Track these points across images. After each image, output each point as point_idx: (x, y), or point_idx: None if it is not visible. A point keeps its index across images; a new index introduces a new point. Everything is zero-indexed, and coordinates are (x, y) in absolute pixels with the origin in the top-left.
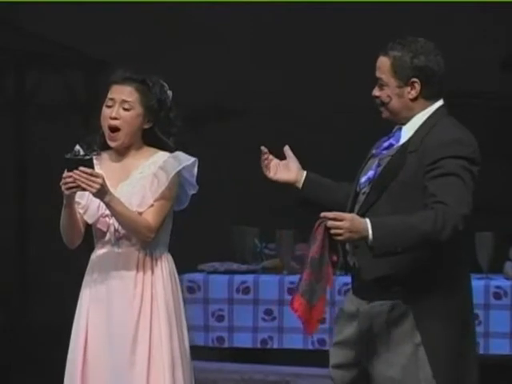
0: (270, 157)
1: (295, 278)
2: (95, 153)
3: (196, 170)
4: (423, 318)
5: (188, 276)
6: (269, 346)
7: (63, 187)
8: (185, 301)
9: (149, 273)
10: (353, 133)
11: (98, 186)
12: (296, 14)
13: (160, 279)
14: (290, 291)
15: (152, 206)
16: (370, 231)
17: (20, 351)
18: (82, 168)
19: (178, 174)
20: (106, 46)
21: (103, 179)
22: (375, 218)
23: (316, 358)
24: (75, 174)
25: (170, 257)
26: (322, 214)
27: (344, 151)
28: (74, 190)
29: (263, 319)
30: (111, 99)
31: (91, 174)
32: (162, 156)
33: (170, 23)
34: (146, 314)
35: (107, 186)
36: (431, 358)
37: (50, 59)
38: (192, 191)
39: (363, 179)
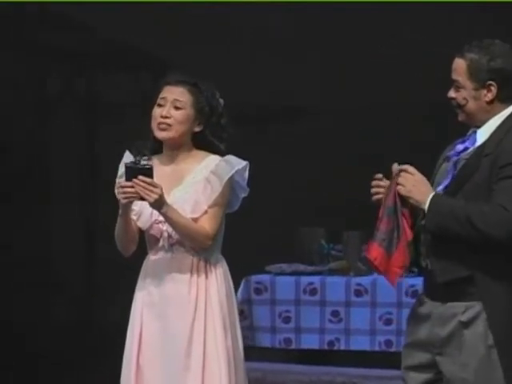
0: (382, 183)
1: (362, 279)
2: (146, 157)
3: (247, 173)
4: (496, 320)
5: (255, 277)
6: (336, 348)
7: (121, 196)
8: (252, 302)
9: (203, 277)
10: (418, 133)
11: (156, 196)
12: (348, 14)
13: (214, 283)
14: (357, 293)
15: (206, 212)
16: (428, 203)
17: (87, 350)
18: (141, 177)
19: (231, 178)
20: (174, 47)
21: (161, 190)
22: (442, 195)
23: (383, 359)
24: (135, 182)
25: (223, 260)
26: (401, 166)
27: (408, 152)
28: (131, 198)
29: (330, 321)
30: (163, 98)
31: (150, 184)
32: (213, 160)
33: (234, 25)
34: (201, 318)
35: (164, 197)
36: (503, 360)
37: (118, 61)
38: (243, 194)
39: (439, 188)
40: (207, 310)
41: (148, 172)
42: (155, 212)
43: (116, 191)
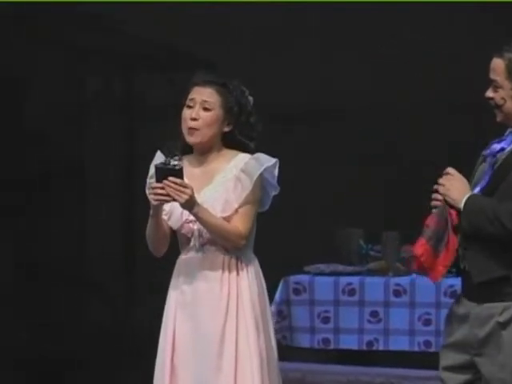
0: (440, 196)
1: (401, 279)
2: (177, 157)
3: (277, 170)
4: None
5: (294, 278)
6: (374, 348)
7: (152, 197)
8: (290, 302)
9: (234, 275)
10: (453, 133)
11: (186, 197)
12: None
13: (246, 281)
14: (396, 293)
15: (238, 211)
16: (463, 202)
17: (122, 350)
18: (171, 178)
19: (261, 175)
20: (212, 46)
21: (192, 190)
22: (479, 195)
23: (422, 359)
24: (165, 184)
25: (255, 259)
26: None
27: (444, 151)
28: (162, 200)
29: (369, 321)
30: (192, 99)
31: (181, 185)
32: (242, 158)
33: (275, 24)
34: (232, 317)
35: (195, 197)
36: None
37: (156, 61)
38: (273, 192)
39: (477, 189)
40: (239, 309)
41: (178, 173)
42: (186, 211)
43: (147, 191)
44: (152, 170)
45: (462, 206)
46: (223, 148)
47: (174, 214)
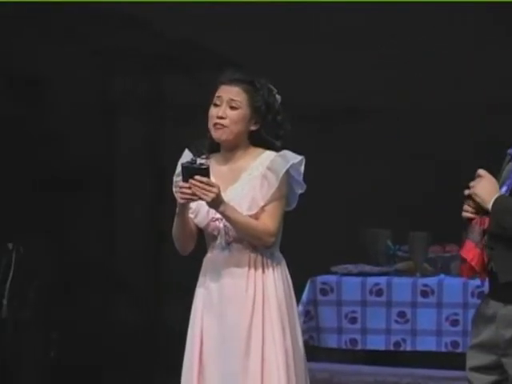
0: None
1: (428, 280)
2: (204, 156)
3: (303, 168)
4: None
5: (321, 278)
6: (402, 349)
7: (179, 195)
8: (318, 303)
9: (260, 274)
10: (484, 132)
11: (213, 196)
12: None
13: (272, 280)
14: (423, 293)
15: (264, 209)
16: (491, 203)
17: (156, 352)
18: (198, 177)
19: (287, 172)
20: (238, 45)
21: (219, 189)
22: (507, 196)
23: (449, 360)
24: (191, 183)
25: (282, 258)
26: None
27: (473, 151)
28: (189, 198)
29: (396, 321)
30: (218, 97)
31: (207, 184)
32: (268, 156)
33: (299, 22)
34: (259, 317)
35: (222, 196)
36: None
37: (182, 60)
38: (300, 190)
39: (504, 189)
40: (265, 308)
41: (204, 172)
42: (212, 210)
43: (174, 190)
44: (179, 169)
45: (490, 206)
46: (250, 146)
47: (200, 212)
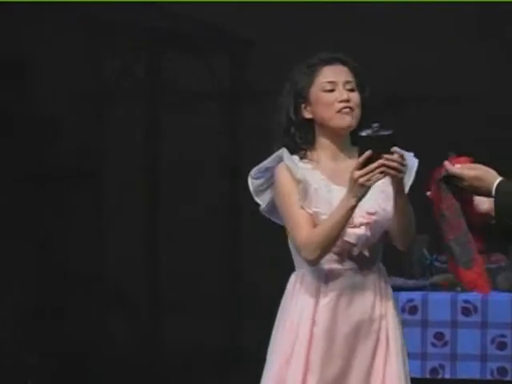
0: None
1: (470, 295)
2: (377, 124)
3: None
4: None
5: None
6: (440, 376)
7: (364, 178)
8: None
9: (381, 293)
10: None
11: (405, 170)
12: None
13: (391, 299)
14: (465, 311)
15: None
16: (493, 191)
17: (152, 373)
18: (395, 148)
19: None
20: (252, 24)
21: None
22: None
23: None
24: (384, 157)
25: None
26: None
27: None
28: (378, 178)
29: (433, 344)
30: (331, 82)
31: (401, 156)
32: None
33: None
34: (382, 344)
35: None
36: None
37: (188, 40)
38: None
39: None
40: (388, 329)
41: (390, 140)
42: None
43: (252, 190)
44: (254, 171)
45: (493, 193)
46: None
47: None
